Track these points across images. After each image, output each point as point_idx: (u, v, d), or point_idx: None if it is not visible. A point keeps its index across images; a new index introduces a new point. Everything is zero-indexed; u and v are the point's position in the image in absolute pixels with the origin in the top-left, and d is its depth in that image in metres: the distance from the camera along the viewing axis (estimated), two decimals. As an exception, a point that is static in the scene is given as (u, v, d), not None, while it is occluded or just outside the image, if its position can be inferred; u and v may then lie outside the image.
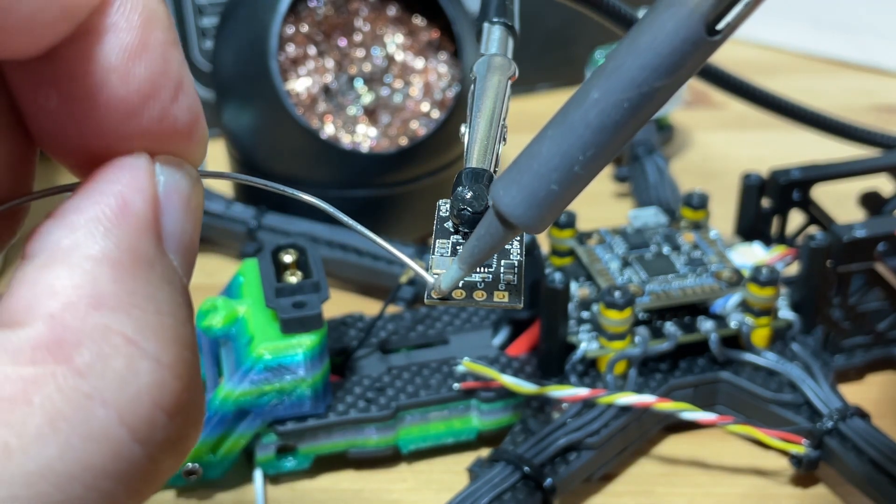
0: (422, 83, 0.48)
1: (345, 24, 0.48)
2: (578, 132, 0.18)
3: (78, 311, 0.14)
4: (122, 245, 0.15)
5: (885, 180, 0.46)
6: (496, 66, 0.25)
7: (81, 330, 0.14)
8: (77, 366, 0.14)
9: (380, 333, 0.40)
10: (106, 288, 0.15)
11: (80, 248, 0.15)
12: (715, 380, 0.39)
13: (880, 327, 0.41)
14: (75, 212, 0.15)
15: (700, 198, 0.43)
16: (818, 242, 0.38)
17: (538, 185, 0.18)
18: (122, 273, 0.15)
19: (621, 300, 0.37)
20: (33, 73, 0.16)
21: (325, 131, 0.47)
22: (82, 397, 0.14)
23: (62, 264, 0.15)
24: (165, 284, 0.16)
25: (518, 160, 0.19)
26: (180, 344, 0.15)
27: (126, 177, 0.16)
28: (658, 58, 0.17)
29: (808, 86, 0.66)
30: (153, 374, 0.15)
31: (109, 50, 0.15)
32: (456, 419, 0.38)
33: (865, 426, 0.36)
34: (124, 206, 0.15)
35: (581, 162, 0.18)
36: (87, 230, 0.15)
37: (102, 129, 0.16)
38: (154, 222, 0.16)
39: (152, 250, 0.16)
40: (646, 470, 0.38)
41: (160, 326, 0.15)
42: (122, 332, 0.15)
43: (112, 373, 0.14)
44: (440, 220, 0.22)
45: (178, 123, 0.16)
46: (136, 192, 0.16)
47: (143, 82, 0.16)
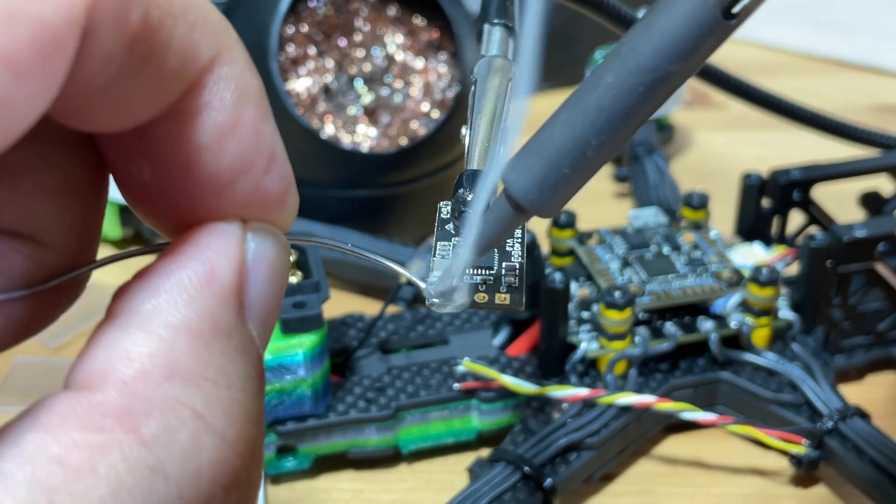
0: (422, 83, 0.48)
1: (345, 24, 0.48)
2: (592, 116, 0.18)
3: (150, 381, 0.14)
4: (204, 314, 0.15)
5: (885, 180, 0.46)
6: (497, 68, 0.25)
7: (151, 400, 0.14)
8: (143, 436, 0.14)
9: (380, 333, 0.40)
10: (181, 359, 0.15)
11: (161, 314, 0.15)
12: (715, 380, 0.39)
13: (880, 327, 0.41)
14: (161, 275, 0.15)
15: (700, 198, 0.43)
16: (818, 242, 0.38)
17: (550, 170, 0.18)
18: (199, 344, 0.15)
19: (621, 300, 0.37)
20: (126, 144, 0.16)
21: (326, 131, 0.47)
22: (146, 469, 0.14)
23: (141, 330, 0.15)
24: (241, 356, 0.16)
25: (529, 144, 0.19)
26: (247, 420, 0.15)
27: (216, 243, 0.16)
28: (673, 42, 0.17)
29: (808, 86, 0.66)
30: (216, 451, 0.15)
31: (202, 128, 0.15)
32: (456, 419, 0.38)
33: (865, 426, 0.36)
34: (211, 274, 0.15)
35: (594, 146, 0.18)
36: (171, 296, 0.15)
37: (194, 201, 0.16)
38: (239, 291, 0.16)
39: (233, 320, 0.16)
40: (646, 470, 0.38)
41: (230, 401, 0.15)
42: (192, 405, 0.15)
43: (177, 446, 0.14)
44: (441, 222, 0.22)
45: (270, 194, 0.16)
46: (225, 258, 0.16)
47: (235, 159, 0.16)
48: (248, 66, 0.16)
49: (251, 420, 0.15)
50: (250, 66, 0.16)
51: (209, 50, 0.15)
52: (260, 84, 0.16)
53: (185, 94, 0.15)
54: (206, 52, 0.15)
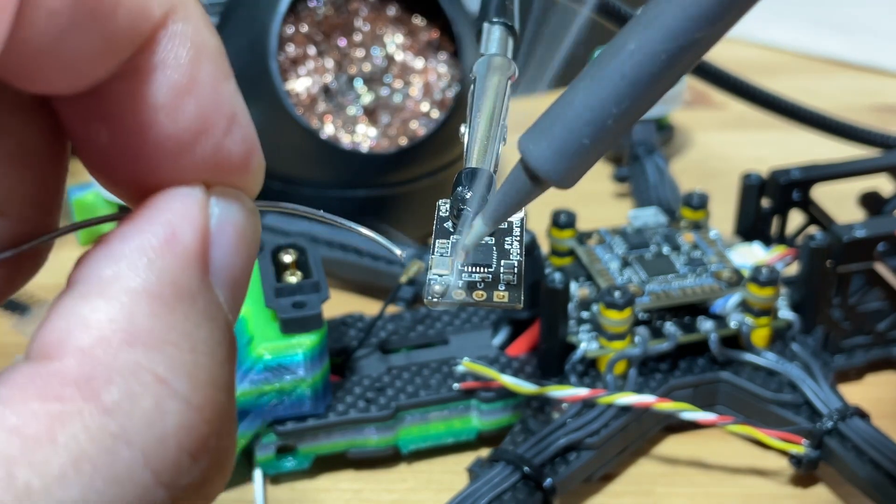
0: (421, 83, 0.48)
1: (344, 24, 0.48)
2: (613, 84, 0.17)
3: (110, 347, 0.14)
4: (165, 278, 0.15)
5: (885, 180, 0.46)
6: (496, 67, 0.25)
7: (112, 366, 0.14)
8: (105, 404, 0.14)
9: (380, 333, 0.40)
10: (142, 323, 0.14)
11: (121, 279, 0.14)
12: (715, 380, 0.39)
13: (880, 327, 0.41)
14: (121, 240, 0.15)
15: (700, 198, 0.43)
16: (818, 242, 0.38)
17: (569, 139, 0.18)
18: (160, 308, 0.14)
19: (621, 300, 0.37)
20: (81, 108, 0.15)
21: (325, 131, 0.47)
22: (108, 437, 0.14)
23: (100, 296, 0.14)
24: (206, 321, 0.15)
25: (548, 112, 0.18)
26: (213, 385, 0.15)
27: (177, 206, 0.15)
28: (699, 7, 0.16)
29: (808, 86, 0.66)
30: (181, 416, 0.14)
31: (157, 87, 0.15)
32: (456, 419, 0.38)
33: (865, 426, 0.36)
34: (172, 237, 0.15)
35: (614, 115, 0.17)
36: (130, 260, 0.15)
37: (154, 164, 0.16)
38: (202, 255, 0.15)
39: (196, 284, 0.15)
40: (646, 470, 0.38)
41: (194, 366, 0.15)
42: (154, 370, 0.14)
43: (140, 413, 0.14)
44: (440, 219, 0.22)
45: (232, 156, 0.16)
46: (186, 221, 0.15)
47: (193, 119, 0.15)
48: (205, 23, 0.15)
49: (218, 386, 0.15)
50: (207, 24, 0.16)
51: (161, 6, 0.15)
52: (218, 42, 0.16)
53: (139, 53, 0.15)
54: (158, 8, 0.14)
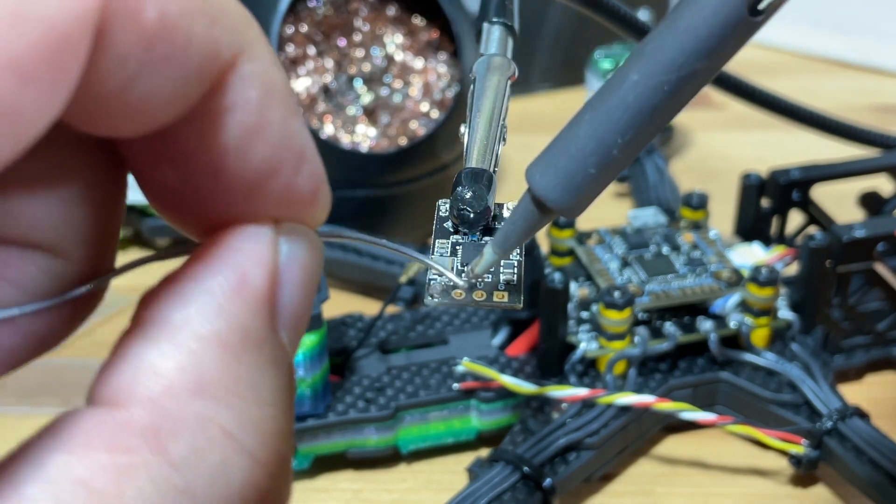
0: (421, 83, 0.48)
1: (344, 24, 0.48)
2: (617, 115, 0.18)
3: (178, 398, 0.14)
4: (235, 325, 0.14)
5: (885, 180, 0.46)
6: (496, 66, 0.25)
7: (180, 418, 0.14)
8: (172, 457, 0.13)
9: (379, 333, 0.40)
10: (210, 373, 0.14)
11: (191, 325, 0.14)
12: (714, 380, 0.39)
13: (880, 327, 0.41)
14: (190, 281, 0.14)
15: (699, 198, 0.43)
16: (818, 242, 0.38)
17: (575, 169, 0.18)
18: (229, 357, 0.14)
19: (621, 300, 0.37)
20: (148, 149, 0.15)
21: (325, 131, 0.47)
22: (174, 492, 0.13)
23: (169, 343, 0.14)
24: (272, 368, 0.15)
25: (554, 144, 0.19)
26: (278, 437, 0.15)
27: (248, 246, 0.15)
28: (699, 40, 0.17)
29: (808, 86, 0.66)
30: (247, 472, 0.14)
31: (227, 130, 0.14)
32: (455, 419, 0.38)
33: (865, 426, 0.36)
34: (242, 281, 0.15)
35: (619, 145, 0.18)
36: (200, 305, 0.14)
37: (224, 204, 0.15)
38: (271, 298, 0.15)
39: (265, 330, 0.15)
40: (645, 470, 0.38)
41: (261, 419, 0.14)
42: (222, 424, 0.14)
43: (206, 468, 0.14)
44: (440, 220, 0.22)
45: (302, 193, 0.16)
46: (257, 264, 0.15)
47: (263, 160, 0.15)
48: (273, 61, 0.15)
49: (282, 437, 0.15)
50: (275, 62, 0.15)
51: (231, 46, 0.14)
52: (286, 80, 0.15)
53: (208, 95, 0.14)
54: (227, 49, 0.14)
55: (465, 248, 0.22)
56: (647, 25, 0.37)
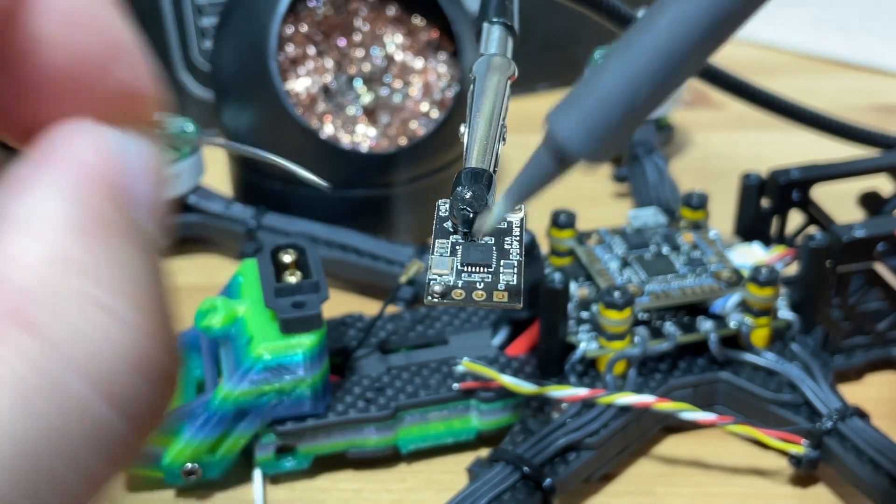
0: (421, 83, 0.48)
1: (344, 24, 0.48)
2: (646, 57, 0.17)
3: (40, 275, 0.13)
4: (80, 207, 0.14)
5: (885, 180, 0.46)
6: (495, 66, 0.25)
7: (46, 294, 0.13)
8: (45, 334, 0.13)
9: (379, 333, 0.40)
10: (71, 251, 0.13)
11: (35, 212, 0.13)
12: (714, 380, 0.39)
13: (880, 327, 0.41)
14: (32, 174, 0.14)
15: (699, 198, 0.43)
16: (818, 242, 0.38)
17: (600, 113, 0.17)
18: (87, 236, 0.14)
19: (621, 300, 0.37)
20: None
21: (325, 131, 0.47)
22: (54, 367, 0.13)
23: (15, 231, 0.13)
24: (139, 249, 0.14)
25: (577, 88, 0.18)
26: (154, 308, 0.14)
27: (80, 138, 0.14)
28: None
29: (808, 86, 0.66)
30: (127, 338, 0.13)
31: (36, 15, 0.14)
32: (455, 419, 0.38)
33: (865, 426, 0.36)
34: (82, 167, 0.14)
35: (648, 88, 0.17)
36: (42, 194, 0.14)
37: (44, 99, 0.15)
38: (117, 185, 0.14)
39: (118, 213, 0.14)
40: (645, 470, 0.38)
41: (133, 289, 0.14)
42: (92, 294, 0.13)
43: (83, 340, 0.13)
44: (440, 219, 0.22)
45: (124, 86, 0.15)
46: (94, 152, 0.14)
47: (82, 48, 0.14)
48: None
49: (160, 308, 0.14)
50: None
51: None
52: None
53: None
54: None
55: (465, 248, 0.22)
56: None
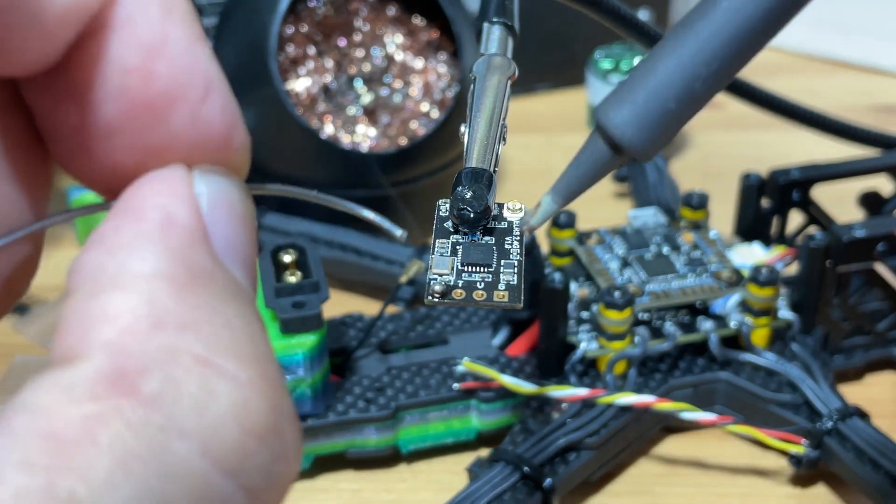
0: (421, 83, 0.48)
1: (344, 25, 0.48)
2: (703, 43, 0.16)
3: (138, 336, 0.13)
4: (175, 261, 0.13)
5: (885, 180, 0.46)
6: (496, 66, 0.25)
7: (145, 354, 0.12)
8: (145, 395, 0.12)
9: (379, 333, 0.40)
10: (166, 306, 0.13)
11: (129, 269, 0.13)
12: (714, 380, 0.39)
13: (880, 327, 0.41)
14: (115, 233, 0.13)
15: (700, 198, 0.43)
16: (818, 242, 0.38)
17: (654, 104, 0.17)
18: (180, 289, 0.13)
19: (621, 300, 0.37)
20: (49, 88, 0.14)
21: (325, 131, 0.47)
22: (155, 430, 0.12)
23: (112, 289, 0.13)
24: (231, 298, 0.14)
25: (629, 79, 0.17)
26: (258, 359, 0.13)
27: (164, 188, 0.14)
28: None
29: (808, 86, 0.66)
30: (233, 396, 0.13)
31: (126, 47, 0.14)
32: (455, 419, 0.38)
33: (865, 426, 0.36)
34: (168, 218, 0.14)
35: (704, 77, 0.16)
36: (133, 249, 0.13)
37: (129, 141, 0.14)
38: (202, 233, 0.14)
39: (208, 262, 0.14)
40: (645, 470, 0.38)
41: (234, 341, 0.13)
42: (192, 351, 0.13)
43: (187, 399, 0.12)
44: (440, 219, 0.22)
45: (211, 128, 0.15)
46: (179, 202, 0.14)
47: (167, 82, 0.14)
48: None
49: (263, 358, 0.13)
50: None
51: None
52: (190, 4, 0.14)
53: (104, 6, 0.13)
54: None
55: (465, 247, 0.22)
56: (647, 25, 0.37)
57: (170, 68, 0.14)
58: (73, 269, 0.14)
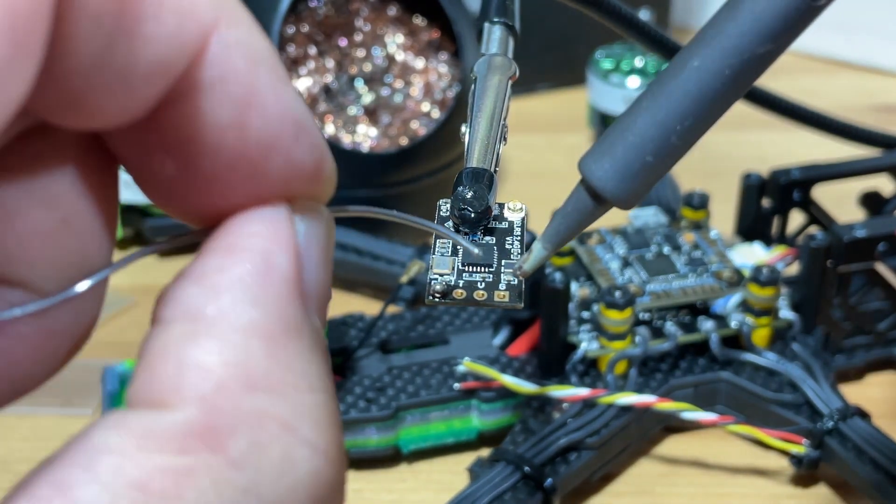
0: (422, 83, 0.48)
1: (345, 24, 0.48)
2: (677, 101, 0.17)
3: (231, 394, 0.13)
4: (272, 313, 0.14)
5: (886, 180, 0.46)
6: (496, 66, 0.25)
7: (236, 415, 0.13)
8: (232, 456, 0.13)
9: (380, 333, 0.40)
10: (259, 365, 0.13)
11: (228, 317, 0.13)
12: (715, 380, 0.39)
13: (881, 327, 0.41)
14: (215, 272, 0.14)
15: (700, 198, 0.43)
16: (818, 242, 0.38)
17: (633, 157, 0.18)
18: (273, 346, 0.13)
19: (622, 300, 0.37)
20: (138, 141, 0.14)
21: (326, 131, 0.47)
22: (238, 492, 0.12)
23: (209, 337, 0.13)
24: (314, 354, 0.14)
25: (609, 133, 0.18)
26: (333, 424, 0.14)
27: (267, 230, 0.14)
28: (761, 23, 0.17)
29: (808, 86, 0.66)
30: (310, 464, 0.13)
31: (218, 106, 0.13)
32: (456, 419, 0.38)
33: (866, 426, 0.36)
34: (270, 267, 0.14)
35: (678, 132, 0.17)
36: (233, 296, 0.13)
37: (225, 187, 0.14)
38: (299, 283, 0.14)
39: (300, 315, 0.14)
40: (646, 470, 0.38)
41: (314, 407, 0.14)
42: (279, 416, 0.13)
43: (269, 464, 0.13)
44: (441, 219, 0.22)
45: (304, 166, 0.15)
46: (281, 249, 0.14)
47: (260, 134, 0.14)
48: (255, 27, 0.14)
49: (335, 423, 0.14)
50: (257, 28, 0.14)
51: (209, 10, 0.13)
52: (271, 46, 0.14)
53: (192, 67, 0.13)
54: (206, 13, 0.13)
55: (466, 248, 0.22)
56: (647, 25, 0.37)
57: (262, 119, 0.14)
58: (168, 299, 0.14)
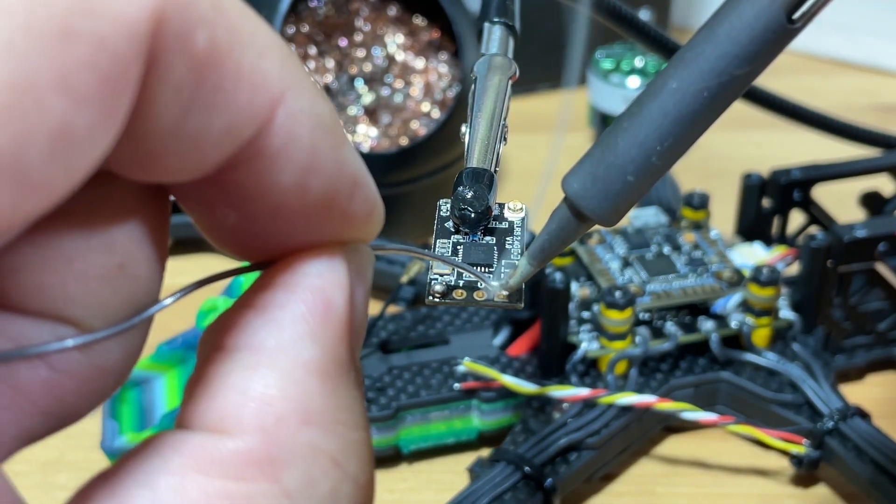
0: (422, 83, 0.48)
1: (345, 25, 0.48)
2: (656, 122, 0.18)
3: (290, 427, 0.14)
4: (328, 352, 0.14)
5: (886, 180, 0.46)
6: (497, 66, 0.25)
7: (293, 448, 0.14)
8: (287, 487, 0.13)
9: (380, 333, 0.40)
10: (315, 402, 0.14)
11: (289, 353, 0.14)
12: (715, 380, 0.39)
13: (881, 327, 0.41)
14: (278, 307, 0.14)
15: (701, 198, 0.43)
16: (819, 242, 0.38)
17: (614, 177, 0.18)
18: (328, 384, 0.14)
19: (622, 300, 0.37)
20: (204, 192, 0.15)
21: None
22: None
23: (271, 370, 0.14)
24: (357, 392, 0.15)
25: (591, 152, 0.19)
26: (371, 461, 0.15)
27: (325, 272, 0.15)
28: (738, 46, 0.17)
29: (808, 86, 0.66)
30: (353, 499, 0.14)
31: (282, 170, 0.14)
32: (456, 419, 0.38)
33: (866, 426, 0.36)
34: (328, 308, 0.15)
35: (658, 152, 0.18)
36: (295, 332, 0.14)
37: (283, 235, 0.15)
38: (351, 323, 0.15)
39: (348, 356, 0.15)
40: (646, 470, 0.38)
41: (359, 444, 0.15)
42: (330, 453, 0.14)
43: (319, 497, 0.14)
44: (441, 219, 0.22)
45: (357, 218, 0.15)
46: (338, 290, 0.15)
47: (319, 195, 0.14)
48: (319, 93, 0.14)
49: (372, 458, 0.15)
50: (321, 94, 0.14)
51: (279, 81, 0.13)
52: (332, 109, 0.15)
53: (259, 135, 0.14)
54: (276, 83, 0.13)
55: (466, 247, 0.22)
56: (647, 25, 0.37)
57: (321, 182, 0.14)
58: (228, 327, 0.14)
